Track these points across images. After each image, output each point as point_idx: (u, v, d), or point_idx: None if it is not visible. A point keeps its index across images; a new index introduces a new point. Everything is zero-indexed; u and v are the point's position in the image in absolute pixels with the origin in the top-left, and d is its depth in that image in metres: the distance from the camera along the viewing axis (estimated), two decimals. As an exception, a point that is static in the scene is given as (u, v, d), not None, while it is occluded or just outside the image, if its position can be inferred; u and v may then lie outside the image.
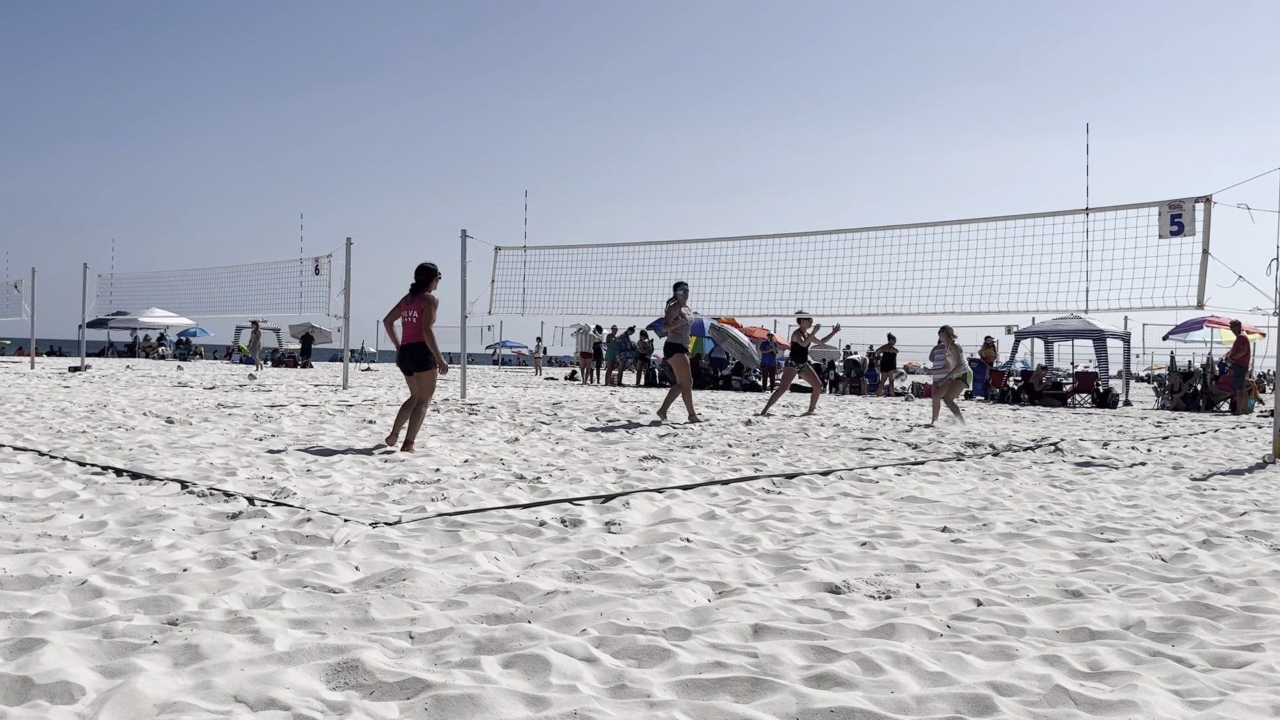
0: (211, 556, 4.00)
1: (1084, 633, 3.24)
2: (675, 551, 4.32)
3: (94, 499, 5.30)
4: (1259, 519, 5.61)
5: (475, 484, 6.19)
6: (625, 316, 22.01)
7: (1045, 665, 2.88)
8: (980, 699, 2.56)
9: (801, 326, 15.01)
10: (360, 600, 3.36)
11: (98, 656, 2.78)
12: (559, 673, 2.71)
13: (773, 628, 3.18)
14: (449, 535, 4.54)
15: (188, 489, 5.69)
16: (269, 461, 7.04)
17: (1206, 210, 9.68)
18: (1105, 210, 10.92)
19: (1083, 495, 6.49)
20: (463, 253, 16.99)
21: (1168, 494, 6.68)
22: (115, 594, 3.40)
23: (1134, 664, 2.91)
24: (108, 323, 40.88)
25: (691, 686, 2.64)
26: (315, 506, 5.16)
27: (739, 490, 6.31)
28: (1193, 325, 24.34)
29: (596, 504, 5.59)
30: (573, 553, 4.27)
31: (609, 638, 3.03)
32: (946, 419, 13.80)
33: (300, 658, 2.78)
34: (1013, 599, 3.66)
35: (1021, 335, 26.31)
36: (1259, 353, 22.43)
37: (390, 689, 2.57)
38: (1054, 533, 5.03)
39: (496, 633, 3.03)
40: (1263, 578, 4.03)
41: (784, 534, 4.87)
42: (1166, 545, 4.74)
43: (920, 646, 3.04)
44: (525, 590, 3.57)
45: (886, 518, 5.40)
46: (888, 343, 24.88)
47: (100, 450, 7.44)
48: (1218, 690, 2.68)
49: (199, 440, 8.38)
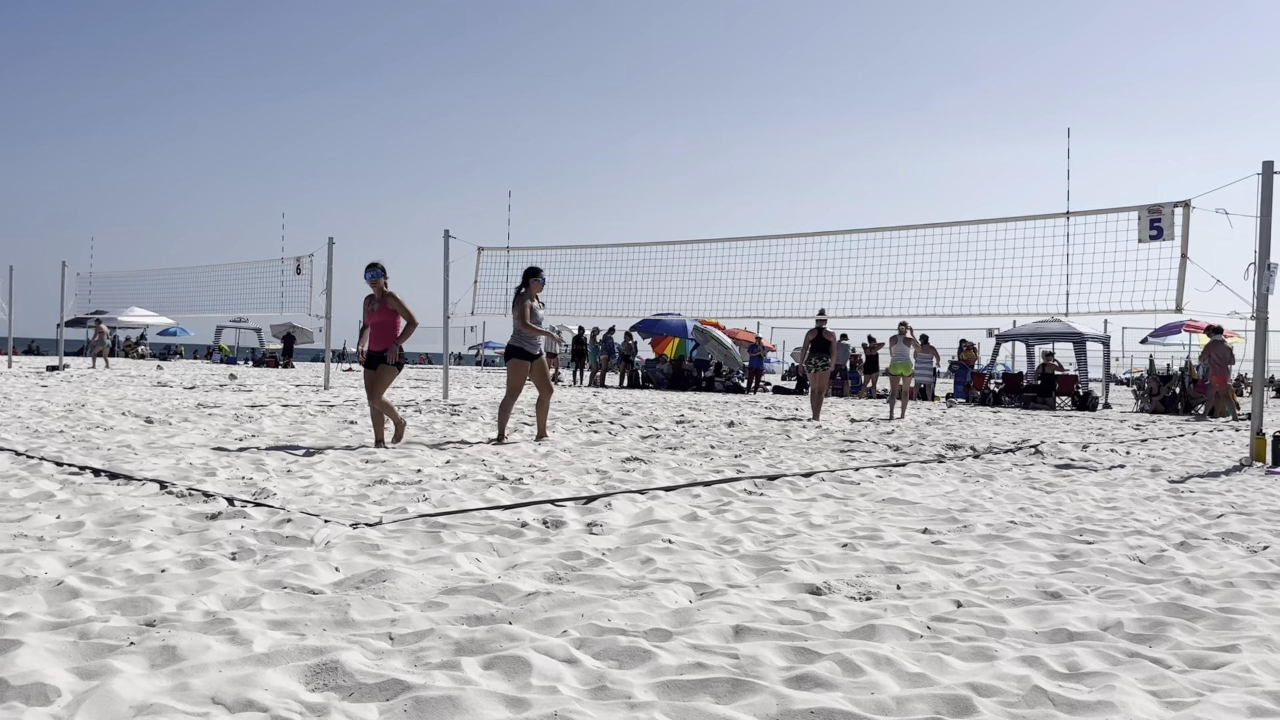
0: (190, 557, 3.97)
1: (1062, 634, 3.26)
2: (657, 553, 4.32)
3: (71, 499, 5.25)
4: (1235, 521, 5.66)
5: (457, 485, 6.17)
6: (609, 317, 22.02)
7: (1024, 666, 2.90)
8: (959, 700, 2.57)
9: (821, 325, 14.78)
10: (340, 601, 3.34)
11: (74, 658, 2.76)
12: (540, 674, 2.70)
13: (754, 629, 3.18)
14: (430, 536, 4.53)
15: (166, 489, 5.65)
16: (249, 462, 7.00)
17: (1185, 215, 9.76)
18: (1085, 214, 11.00)
19: (1062, 497, 6.53)
20: (445, 253, 16.95)
21: (1146, 496, 6.73)
22: (92, 595, 3.37)
23: (1112, 665, 2.93)
24: (86, 321, 40.59)
25: (672, 688, 2.64)
26: (295, 507, 5.13)
27: (721, 492, 6.32)
28: (1171, 329, 24.57)
29: (578, 505, 5.59)
30: (554, 554, 4.27)
31: (590, 639, 3.03)
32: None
33: (279, 659, 2.76)
34: (992, 600, 3.68)
35: (1002, 338, 26.46)
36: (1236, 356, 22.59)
37: (370, 690, 2.56)
38: (1034, 534, 5.05)
39: (477, 634, 3.02)
40: (1239, 579, 4.07)
41: (765, 535, 4.88)
42: (1144, 547, 4.78)
43: (900, 647, 3.05)
44: (506, 591, 3.57)
45: (867, 519, 5.42)
46: (870, 345, 24.95)
47: (78, 450, 7.38)
48: (1194, 691, 2.70)
49: (178, 440, 8.32)
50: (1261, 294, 9.17)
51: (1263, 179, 9.23)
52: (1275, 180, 9.21)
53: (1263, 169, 9.25)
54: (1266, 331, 9.42)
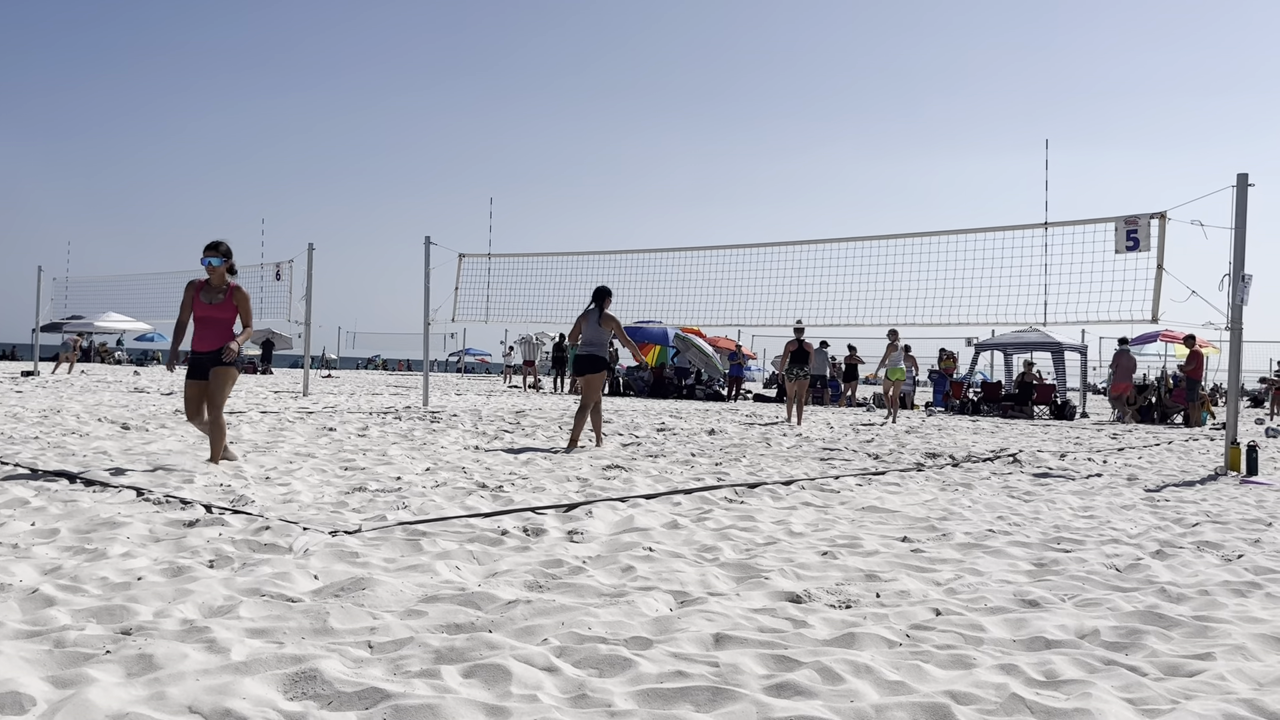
0: (167, 565, 3.94)
1: (1040, 642, 3.28)
2: (637, 561, 4.32)
3: (46, 506, 5.20)
4: (1210, 530, 5.71)
5: (437, 492, 6.15)
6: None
7: (1002, 674, 2.91)
8: (938, 707, 2.59)
9: (798, 335, 15.93)
10: (319, 609, 3.32)
11: (49, 666, 2.73)
12: (520, 682, 2.70)
13: (734, 637, 3.19)
14: (410, 544, 4.51)
15: (143, 496, 5.60)
16: (227, 468, 6.95)
17: (1161, 226, 9.86)
18: (1063, 225, 11.09)
19: (1040, 506, 6.57)
20: (426, 259, 16.91)
21: (1122, 505, 6.79)
22: (67, 603, 3.34)
23: (1089, 672, 2.95)
24: (62, 326, 40.21)
25: (652, 696, 2.64)
26: (274, 514, 5.10)
27: (702, 499, 6.32)
28: (1147, 339, 24.78)
29: (559, 513, 5.58)
30: (535, 562, 4.26)
31: (570, 647, 3.03)
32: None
33: (257, 667, 2.74)
34: (971, 608, 3.70)
35: (981, 347, 26.63)
36: (1211, 366, 22.86)
37: (348, 699, 2.55)
38: (1012, 543, 5.08)
39: (457, 642, 3.01)
40: (1214, 588, 4.11)
41: (746, 543, 4.89)
42: (1121, 555, 4.82)
43: (880, 655, 3.06)
44: (486, 599, 3.56)
45: (847, 527, 5.44)
46: (850, 353, 25.07)
47: (53, 456, 7.31)
48: (1170, 698, 2.73)
49: (155, 447, 8.25)
50: (1236, 305, 9.26)
51: (1237, 191, 9.34)
52: (1249, 192, 9.32)
53: (1237, 181, 9.36)
54: (1241, 342, 9.52)
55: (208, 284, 7.19)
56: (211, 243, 7.18)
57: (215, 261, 7.15)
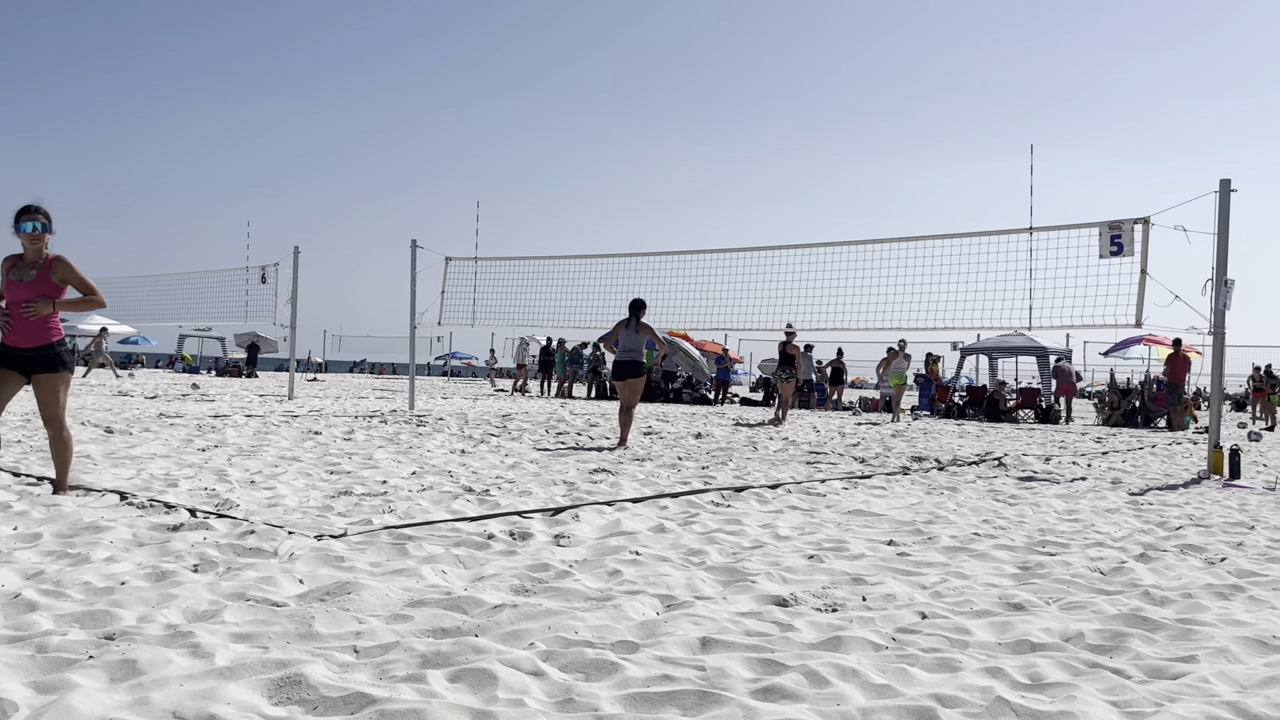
0: (151, 569, 3.91)
1: (1025, 645, 3.29)
2: (624, 565, 4.32)
3: (29, 510, 5.16)
4: (1194, 533, 5.75)
5: (423, 496, 6.13)
6: (576, 329, 21.99)
7: (987, 677, 2.92)
8: (924, 710, 2.59)
9: (787, 338, 16.61)
10: (304, 614, 3.31)
11: (31, 672, 2.71)
12: (506, 686, 2.69)
13: (721, 641, 3.19)
14: (395, 548, 4.50)
15: (127, 500, 5.57)
16: (212, 472, 6.92)
17: (1145, 231, 9.92)
18: (1048, 230, 11.15)
19: (1025, 509, 6.60)
20: (413, 262, 16.88)
21: (1107, 508, 6.82)
22: (50, 608, 3.31)
23: (1073, 675, 2.97)
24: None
25: (639, 700, 2.64)
26: (259, 519, 5.08)
27: (688, 503, 6.33)
28: (1131, 343, 24.94)
29: (546, 517, 5.57)
30: (521, 566, 4.25)
31: (557, 651, 3.02)
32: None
33: (242, 672, 2.73)
34: (956, 612, 3.71)
35: (967, 351, 26.74)
36: (1195, 370, 23.01)
37: (334, 704, 2.54)
38: (997, 546, 5.10)
39: (443, 646, 3.00)
40: (1197, 591, 4.13)
41: (732, 547, 4.89)
42: (1105, 559, 4.84)
43: (866, 659, 3.07)
44: (472, 604, 3.55)
45: (834, 531, 5.45)
46: (836, 357, 25.14)
47: (35, 460, 7.26)
48: (1154, 701, 2.74)
49: (139, 451, 8.21)
50: (1219, 309, 9.33)
51: (1220, 197, 9.41)
52: (1232, 198, 9.39)
53: (1220, 187, 9.43)
54: (1224, 346, 9.59)
55: (21, 259, 5.53)
56: (27, 206, 5.48)
57: (35, 227, 5.44)
